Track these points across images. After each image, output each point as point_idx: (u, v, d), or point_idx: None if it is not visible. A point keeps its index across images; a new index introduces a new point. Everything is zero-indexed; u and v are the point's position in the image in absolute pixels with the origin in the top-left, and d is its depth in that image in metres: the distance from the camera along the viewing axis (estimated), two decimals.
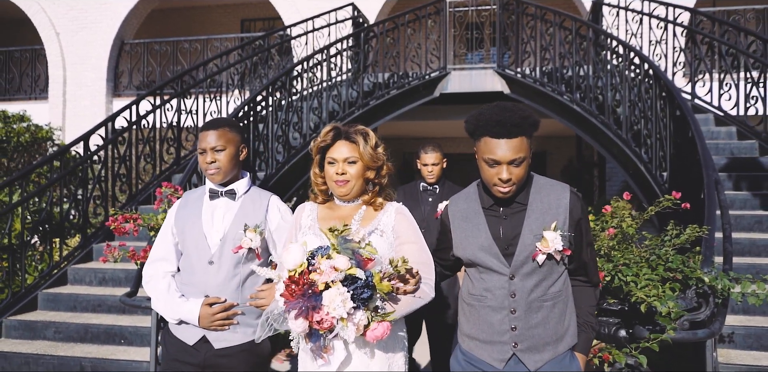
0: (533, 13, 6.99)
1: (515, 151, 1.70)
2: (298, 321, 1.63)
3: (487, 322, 1.81)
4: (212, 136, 2.15)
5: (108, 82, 10.34)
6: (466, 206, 1.89)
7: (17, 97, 10.69)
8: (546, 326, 1.77)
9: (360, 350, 1.80)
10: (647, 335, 2.32)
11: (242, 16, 12.66)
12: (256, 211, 2.17)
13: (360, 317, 1.61)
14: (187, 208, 2.23)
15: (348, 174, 1.92)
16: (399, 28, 7.48)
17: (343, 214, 1.96)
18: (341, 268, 1.60)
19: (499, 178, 1.72)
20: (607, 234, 2.61)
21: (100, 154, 5.46)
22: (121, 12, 10.30)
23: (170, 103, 6.27)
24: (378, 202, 1.96)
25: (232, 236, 2.10)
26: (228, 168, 2.17)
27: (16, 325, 4.42)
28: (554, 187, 1.83)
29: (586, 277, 1.89)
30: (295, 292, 1.61)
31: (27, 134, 8.23)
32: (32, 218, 5.17)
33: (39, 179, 6.92)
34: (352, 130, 1.96)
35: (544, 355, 1.77)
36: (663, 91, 4.74)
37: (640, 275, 2.40)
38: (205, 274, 2.11)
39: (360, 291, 1.60)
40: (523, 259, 1.76)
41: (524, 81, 7.02)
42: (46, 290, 4.75)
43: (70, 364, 3.99)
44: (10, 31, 12.84)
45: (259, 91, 5.54)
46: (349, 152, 1.93)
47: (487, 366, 1.81)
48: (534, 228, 1.76)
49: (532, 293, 1.77)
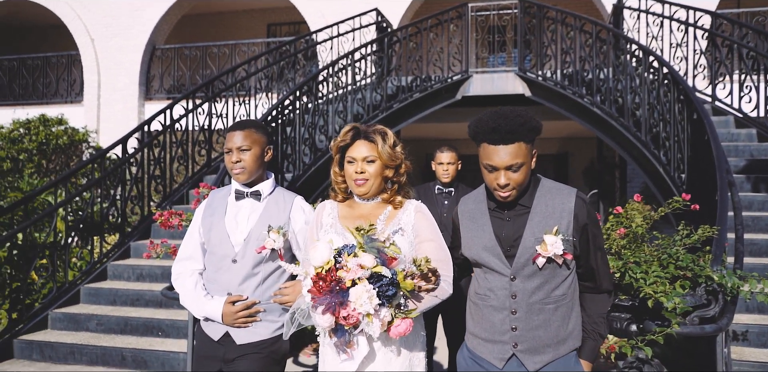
0: (554, 16, 7.10)
1: (512, 157, 1.72)
2: (326, 316, 1.69)
3: (489, 321, 1.84)
4: (239, 136, 2.22)
5: (140, 86, 10.69)
6: (473, 207, 1.94)
7: (54, 100, 11.10)
8: (547, 328, 1.78)
9: (383, 347, 1.85)
10: (654, 329, 2.45)
11: (268, 20, 12.94)
12: (281, 212, 2.23)
13: (384, 314, 1.68)
14: (212, 208, 2.30)
15: (367, 173, 1.96)
16: (422, 32, 7.64)
17: (364, 212, 2.01)
18: (368, 266, 1.67)
19: (497, 183, 1.75)
20: (618, 233, 2.74)
21: (136, 156, 5.74)
22: (152, 18, 10.64)
23: (201, 107, 6.54)
24: (397, 200, 2.01)
25: (256, 236, 2.16)
26: (253, 168, 2.22)
27: (61, 318, 4.70)
28: (561, 191, 1.84)
29: (595, 283, 1.87)
30: (322, 289, 1.68)
31: (65, 137, 8.59)
32: (74, 217, 5.46)
33: (77, 180, 7.25)
34: (371, 130, 2.00)
35: (545, 356, 1.78)
36: (681, 95, 4.83)
37: (649, 272, 2.54)
38: (228, 272, 2.18)
39: (385, 288, 1.66)
40: (524, 262, 1.78)
41: (545, 84, 7.13)
42: (88, 285, 5.03)
43: (112, 354, 4.25)
44: (47, 37, 13.32)
45: (286, 96, 5.76)
46: (368, 151, 1.97)
47: (489, 364, 1.84)
48: (536, 231, 1.78)
49: (533, 295, 1.78)
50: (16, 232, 4.80)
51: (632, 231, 2.74)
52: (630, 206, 2.86)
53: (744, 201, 4.76)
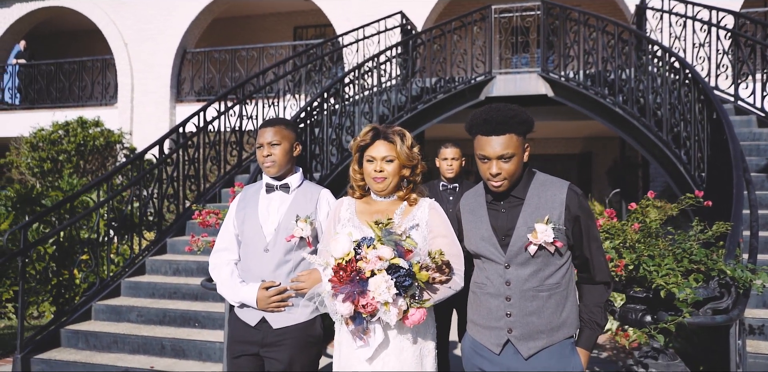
0: (576, 18, 7.20)
1: (503, 148, 1.84)
2: (346, 304, 1.80)
3: (486, 308, 1.95)
4: (269, 132, 2.39)
5: (171, 88, 11.04)
6: (473, 201, 2.06)
7: (90, 103, 11.52)
8: (541, 315, 1.88)
9: (397, 335, 1.97)
10: (667, 318, 2.58)
11: (295, 23, 13.21)
12: (308, 203, 2.37)
13: (401, 303, 1.80)
14: (245, 201, 2.46)
15: (385, 171, 2.07)
16: (445, 34, 7.79)
17: (380, 208, 2.12)
18: (386, 258, 1.78)
19: (490, 172, 1.87)
20: (633, 228, 2.88)
21: (172, 156, 6.00)
22: (183, 23, 10.97)
23: (233, 109, 6.79)
24: (412, 198, 2.13)
25: (285, 226, 2.31)
26: (282, 162, 2.38)
27: (104, 309, 4.97)
28: (553, 183, 1.95)
29: (590, 274, 1.96)
30: (343, 278, 1.78)
31: (101, 138, 8.94)
32: (113, 215, 5.74)
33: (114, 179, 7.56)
34: (390, 131, 2.11)
35: (538, 342, 1.88)
36: (701, 95, 4.91)
37: (661, 265, 2.67)
38: (261, 260, 2.33)
39: (402, 279, 1.78)
40: (517, 250, 1.89)
41: (567, 84, 7.23)
42: (128, 279, 5.29)
43: (152, 343, 4.50)
44: (83, 42, 13.78)
45: (314, 98, 5.97)
46: (387, 151, 2.08)
47: (486, 351, 1.95)
48: (528, 220, 1.88)
49: (526, 282, 1.88)
50: (60, 229, 5.10)
51: (646, 226, 2.86)
52: (644, 202, 2.98)
53: (764, 199, 4.83)
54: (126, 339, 4.57)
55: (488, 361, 1.96)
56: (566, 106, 7.45)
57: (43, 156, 8.65)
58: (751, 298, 3.93)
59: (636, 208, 2.98)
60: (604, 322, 1.96)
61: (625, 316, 2.99)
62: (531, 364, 1.89)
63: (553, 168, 11.92)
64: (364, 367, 1.98)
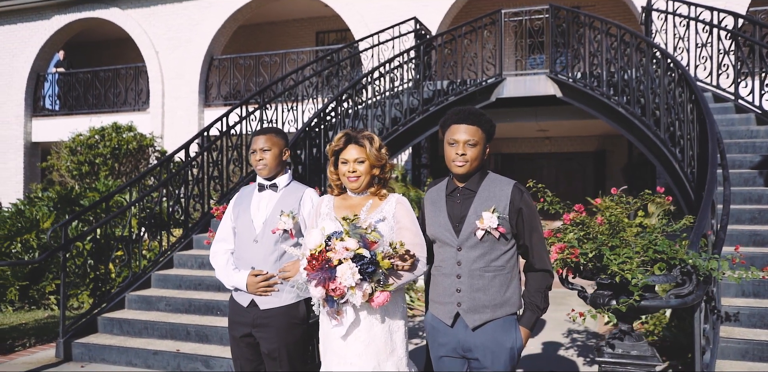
0: (582, 20, 7.43)
1: (470, 134, 2.22)
2: (318, 289, 2.11)
3: (441, 286, 2.29)
4: (261, 139, 2.75)
5: (199, 94, 11.59)
6: (435, 194, 2.40)
7: (123, 109, 12.16)
8: (486, 292, 2.21)
9: (367, 315, 2.27)
10: (622, 300, 2.88)
11: (317, 28, 13.66)
12: (293, 200, 2.73)
13: (366, 287, 2.08)
14: (241, 198, 2.84)
15: (358, 171, 2.36)
16: (456, 39, 8.11)
17: (354, 203, 2.42)
18: (351, 249, 2.06)
19: (456, 152, 2.22)
20: (596, 221, 3.17)
21: (197, 159, 6.47)
22: (210, 31, 11.50)
23: (254, 114, 7.23)
24: (382, 193, 2.43)
25: (272, 220, 2.65)
26: (272, 165, 2.75)
27: (136, 299, 5.45)
28: (502, 181, 2.30)
29: (530, 261, 2.29)
30: (315, 267, 2.08)
31: (134, 142, 9.51)
32: (144, 214, 6.23)
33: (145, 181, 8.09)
34: (360, 136, 2.40)
35: (483, 315, 2.20)
36: (692, 95, 5.13)
37: (620, 254, 2.96)
38: (251, 250, 2.67)
39: (366, 266, 2.06)
40: (468, 234, 2.22)
41: (575, 85, 7.47)
42: (157, 272, 5.77)
43: (179, 329, 4.94)
44: (117, 50, 14.49)
45: (327, 103, 6.37)
46: (358, 154, 2.37)
47: (442, 324, 2.28)
48: (478, 210, 2.22)
49: (474, 263, 2.22)
50: (97, 226, 5.60)
51: (607, 219, 3.16)
52: (606, 199, 3.27)
53: (753, 194, 5.03)
54: (155, 325, 5.03)
55: (443, 333, 2.31)
56: (572, 106, 7.68)
57: (81, 159, 9.26)
58: (729, 287, 4.20)
59: (600, 203, 3.27)
60: (543, 305, 2.29)
61: (594, 300, 3.29)
62: (477, 335, 2.23)
63: (569, 166, 12.09)
64: (339, 342, 2.32)
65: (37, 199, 7.91)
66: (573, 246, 2.89)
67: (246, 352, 2.75)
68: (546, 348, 5.17)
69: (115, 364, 4.83)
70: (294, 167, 6.07)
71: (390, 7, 10.32)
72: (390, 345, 2.34)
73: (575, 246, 2.88)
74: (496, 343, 2.21)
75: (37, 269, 7.16)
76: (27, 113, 12.83)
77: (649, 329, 5.56)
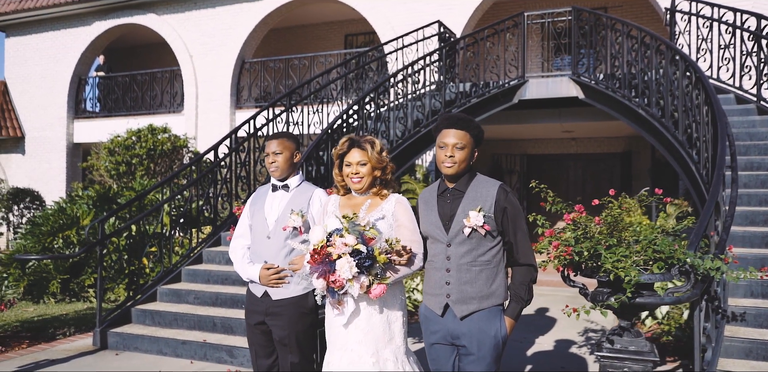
0: (604, 23, 7.49)
1: (458, 138, 2.40)
2: (319, 281, 2.32)
3: (433, 279, 2.48)
4: (274, 143, 2.99)
5: (231, 96, 11.96)
6: (428, 195, 2.58)
7: (159, 111, 12.63)
8: (473, 285, 2.39)
9: (367, 306, 2.48)
10: (617, 296, 3.01)
11: (346, 31, 13.92)
12: (302, 200, 2.96)
13: (363, 279, 2.29)
14: (257, 198, 3.09)
15: (360, 173, 2.56)
16: (479, 42, 8.24)
17: (357, 203, 2.61)
18: (350, 244, 2.26)
19: (445, 154, 2.40)
20: (595, 221, 3.30)
21: (225, 160, 6.77)
22: (242, 35, 11.86)
23: (280, 116, 7.50)
24: (383, 193, 2.62)
25: (283, 218, 2.88)
26: (284, 167, 2.98)
27: (167, 292, 5.76)
28: (489, 182, 2.49)
29: (514, 256, 2.45)
30: (316, 260, 2.30)
31: (168, 144, 9.91)
32: (176, 212, 6.57)
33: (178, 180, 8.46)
34: (363, 140, 2.60)
35: (470, 306, 2.39)
36: (707, 96, 5.17)
37: (616, 253, 3.09)
38: (264, 245, 2.92)
39: (363, 260, 2.26)
40: (456, 232, 2.41)
41: (596, 87, 7.52)
42: (187, 267, 6.07)
43: (206, 321, 5.23)
44: (153, 54, 15.03)
45: (349, 107, 6.59)
46: (360, 157, 2.57)
47: (433, 314, 2.47)
48: (466, 209, 2.40)
49: (462, 258, 2.40)
50: (130, 223, 5.94)
51: (605, 219, 3.28)
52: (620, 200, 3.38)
53: (766, 196, 5.05)
54: (184, 317, 5.33)
55: (434, 322, 2.50)
56: (595, 107, 7.73)
57: (118, 160, 9.70)
58: (738, 288, 4.26)
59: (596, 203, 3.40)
60: (527, 297, 2.47)
61: (594, 298, 3.42)
62: (465, 324, 2.42)
63: (596, 167, 12.06)
64: (341, 330, 2.54)
65: (78, 197, 8.35)
66: (568, 245, 3.02)
67: (260, 338, 2.99)
68: (558, 345, 5.29)
69: (147, 352, 5.14)
70: (316, 167, 6.31)
71: (415, 11, 10.49)
72: (388, 333, 2.53)
73: (570, 244, 3.02)
74: (482, 331, 2.39)
75: (78, 264, 7.56)
76: (69, 115, 13.43)
77: (664, 329, 5.62)
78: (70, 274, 7.55)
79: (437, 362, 2.52)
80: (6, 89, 14.07)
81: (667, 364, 4.80)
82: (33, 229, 7.72)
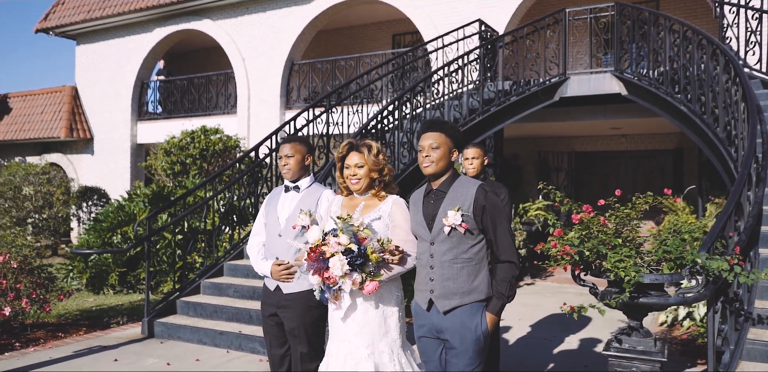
0: (646, 18, 7.32)
1: (433, 139, 2.54)
2: (314, 277, 2.51)
3: (420, 275, 2.61)
4: (286, 147, 3.17)
5: (281, 97, 12.35)
6: (416, 196, 2.71)
7: (214, 112, 13.19)
8: (455, 281, 2.50)
9: (363, 301, 2.64)
10: (615, 296, 3.03)
11: (393, 31, 14.08)
12: (312, 200, 3.15)
13: (355, 276, 2.45)
14: (271, 198, 3.30)
15: (358, 174, 2.71)
16: (518, 40, 8.21)
17: (356, 203, 2.78)
18: (343, 243, 2.43)
19: (423, 155, 2.56)
20: (600, 221, 3.32)
21: (266, 160, 7.06)
22: (290, 38, 12.22)
23: (320, 117, 7.74)
24: (381, 194, 2.77)
25: (293, 217, 3.08)
26: (296, 169, 3.17)
27: (209, 286, 6.10)
28: (469, 182, 2.59)
29: (495, 253, 2.55)
30: (312, 258, 2.48)
31: (220, 144, 10.37)
32: (223, 209, 6.92)
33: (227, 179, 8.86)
34: (360, 144, 2.75)
35: (452, 301, 2.50)
36: (744, 92, 5.02)
37: (619, 252, 3.11)
38: (276, 243, 3.12)
39: (355, 259, 2.42)
40: (438, 230, 2.52)
41: (639, 83, 7.37)
42: (229, 262, 6.40)
43: (243, 313, 5.52)
44: (208, 58, 15.68)
45: (384, 107, 6.75)
46: (358, 159, 2.71)
47: (421, 309, 2.61)
48: (447, 208, 2.50)
49: (444, 255, 2.51)
50: (177, 219, 6.32)
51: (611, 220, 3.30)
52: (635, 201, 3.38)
53: None
54: (224, 309, 5.64)
55: (422, 316, 2.64)
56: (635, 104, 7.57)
57: (173, 160, 10.23)
58: (763, 290, 4.14)
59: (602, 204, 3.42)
60: (508, 293, 2.55)
61: (603, 297, 3.44)
62: (448, 318, 2.54)
63: (647, 164, 11.73)
64: (339, 323, 2.71)
65: (135, 195, 8.89)
66: (567, 244, 3.07)
67: (274, 329, 3.20)
68: (586, 344, 5.27)
69: (189, 341, 5.48)
70: None
71: (457, 10, 10.52)
72: (384, 327, 2.68)
73: (571, 244, 3.06)
74: (464, 326, 2.50)
75: (134, 258, 8.08)
76: (133, 117, 14.22)
77: (700, 331, 5.50)
78: (127, 268, 8.07)
79: (425, 354, 2.66)
80: (77, 94, 15.04)
81: (697, 366, 4.72)
82: (95, 225, 8.30)
